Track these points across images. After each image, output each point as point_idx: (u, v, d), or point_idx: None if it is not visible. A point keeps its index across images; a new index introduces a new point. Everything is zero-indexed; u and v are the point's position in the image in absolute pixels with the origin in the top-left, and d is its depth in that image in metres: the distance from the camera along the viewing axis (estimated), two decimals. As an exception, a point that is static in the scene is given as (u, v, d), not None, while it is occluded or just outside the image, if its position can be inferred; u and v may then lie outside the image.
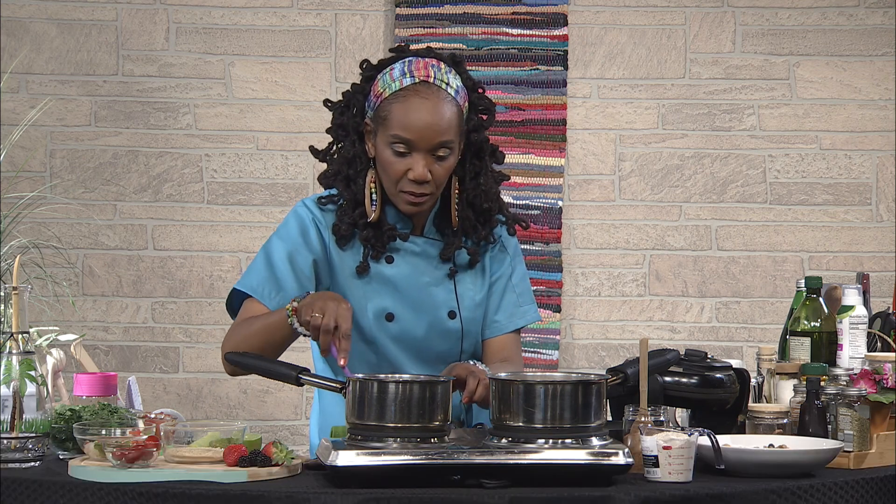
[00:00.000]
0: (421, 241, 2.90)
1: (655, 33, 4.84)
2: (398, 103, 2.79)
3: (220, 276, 4.79)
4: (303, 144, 4.80)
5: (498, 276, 2.97)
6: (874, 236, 4.84)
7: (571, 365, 4.80)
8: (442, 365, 2.87)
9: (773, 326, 4.78)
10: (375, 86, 2.84)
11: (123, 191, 4.77)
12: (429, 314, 2.87)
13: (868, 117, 4.83)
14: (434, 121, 2.78)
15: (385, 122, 2.80)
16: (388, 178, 2.82)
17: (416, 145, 2.78)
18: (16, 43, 4.74)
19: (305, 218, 2.88)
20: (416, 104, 2.78)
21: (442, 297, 2.89)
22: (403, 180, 2.80)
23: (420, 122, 2.77)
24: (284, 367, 2.65)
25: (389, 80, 2.82)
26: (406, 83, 2.80)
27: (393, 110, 2.79)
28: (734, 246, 4.85)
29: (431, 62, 2.84)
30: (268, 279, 2.83)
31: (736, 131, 4.84)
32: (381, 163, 2.83)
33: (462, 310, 2.90)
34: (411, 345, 2.86)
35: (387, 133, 2.79)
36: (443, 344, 2.89)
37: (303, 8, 4.81)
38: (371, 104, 2.85)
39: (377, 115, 2.82)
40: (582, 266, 4.84)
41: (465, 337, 2.91)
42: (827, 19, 4.83)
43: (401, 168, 2.79)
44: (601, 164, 4.84)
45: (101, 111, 4.77)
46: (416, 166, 2.78)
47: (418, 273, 2.88)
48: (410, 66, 2.82)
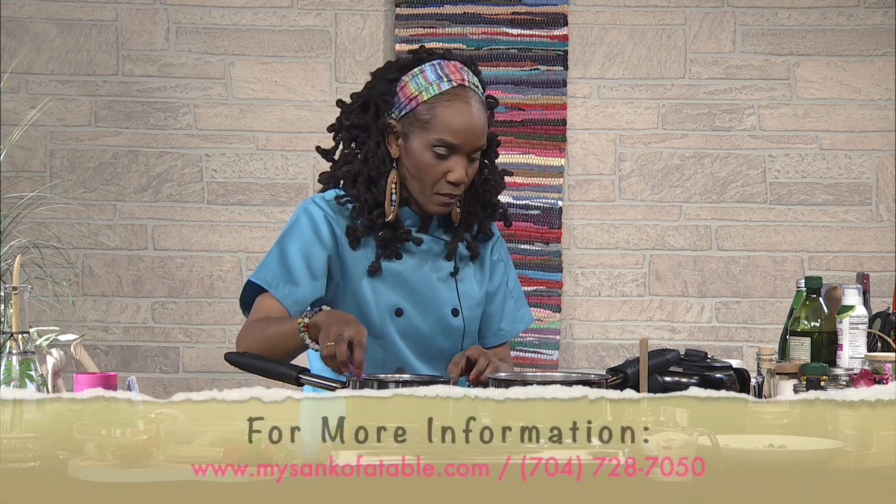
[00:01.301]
0: (427, 239, 2.93)
1: (655, 33, 4.85)
2: (442, 107, 2.82)
3: (220, 276, 4.79)
4: (303, 144, 4.80)
5: (497, 284, 3.02)
6: (874, 236, 4.84)
7: (571, 365, 4.80)
8: (444, 362, 2.89)
9: (773, 326, 4.78)
10: (405, 88, 2.86)
11: (123, 191, 4.77)
12: (434, 311, 2.90)
13: (868, 117, 4.83)
14: (477, 124, 2.83)
15: (427, 125, 2.82)
16: (423, 180, 2.85)
17: (460, 148, 2.82)
18: (16, 43, 4.74)
19: (317, 216, 2.89)
20: (461, 108, 2.82)
21: (446, 294, 2.93)
22: (441, 182, 2.84)
23: (466, 125, 2.82)
24: (284, 366, 2.66)
25: (425, 83, 2.84)
26: (444, 87, 2.83)
27: (438, 113, 2.82)
28: (734, 246, 4.85)
29: (458, 65, 2.88)
30: (281, 274, 2.84)
31: (736, 131, 4.84)
32: (416, 165, 2.84)
33: (464, 308, 2.94)
34: (417, 341, 2.89)
35: (429, 136, 2.82)
36: (446, 341, 2.92)
37: (303, 8, 4.81)
38: (401, 106, 2.86)
39: (414, 117, 2.84)
40: (582, 266, 4.84)
41: (465, 335, 2.94)
42: (827, 19, 4.83)
43: (440, 170, 2.83)
44: (601, 164, 4.84)
45: (101, 111, 4.77)
46: (456, 169, 2.82)
47: (424, 270, 2.92)
48: (444, 70, 2.85)
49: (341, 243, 2.88)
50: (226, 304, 4.78)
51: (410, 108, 2.84)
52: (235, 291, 4.77)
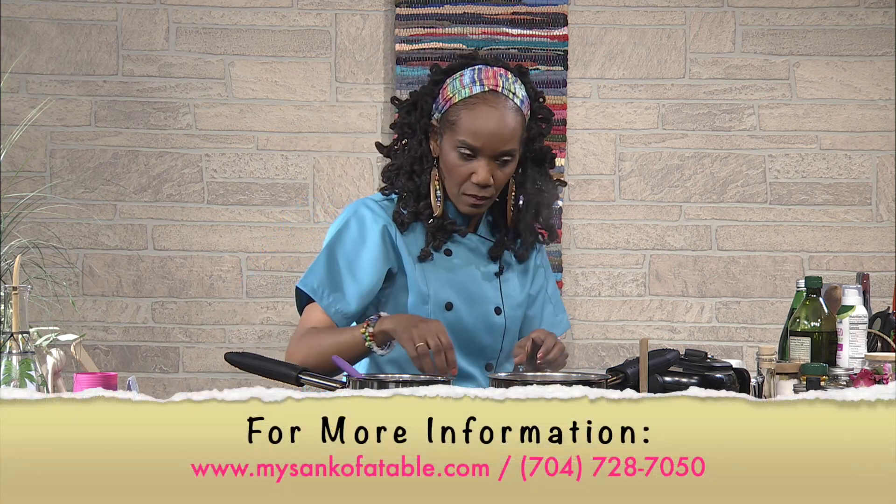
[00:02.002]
0: (475, 239, 3.03)
1: (655, 33, 4.84)
2: (467, 110, 2.91)
3: (220, 276, 4.79)
4: (303, 144, 4.80)
5: (538, 289, 3.13)
6: (874, 236, 4.84)
7: (571, 365, 4.79)
8: (483, 359, 3.02)
9: (773, 326, 4.78)
10: (445, 90, 2.96)
11: (123, 191, 4.77)
12: (480, 307, 2.99)
13: (868, 117, 4.83)
14: (499, 129, 2.90)
15: (453, 127, 2.92)
16: (451, 180, 2.95)
17: (482, 151, 2.90)
18: (16, 43, 4.74)
19: (367, 217, 2.98)
20: (485, 112, 2.90)
21: (490, 293, 3.02)
22: (467, 183, 2.93)
23: (487, 129, 2.89)
24: (284, 366, 2.67)
25: (459, 87, 2.93)
26: (475, 91, 2.92)
27: (462, 116, 2.91)
28: (734, 246, 4.85)
29: (500, 71, 2.95)
30: (328, 281, 2.95)
31: (736, 131, 4.84)
32: (446, 164, 2.95)
33: (506, 308, 3.03)
34: (462, 335, 2.97)
35: (454, 137, 2.92)
36: (487, 338, 3.01)
37: (303, 8, 4.81)
38: (439, 107, 2.96)
39: (445, 118, 2.94)
40: (582, 266, 4.84)
41: (506, 334, 3.03)
42: (827, 19, 4.83)
43: (465, 171, 2.92)
44: (601, 164, 4.84)
45: (101, 111, 4.77)
46: (479, 171, 2.91)
47: (472, 268, 3.01)
48: (480, 75, 2.93)
49: (395, 235, 2.97)
50: (226, 304, 4.78)
51: (445, 110, 2.95)
52: (236, 291, 4.77)
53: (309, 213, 4.79)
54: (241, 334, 4.78)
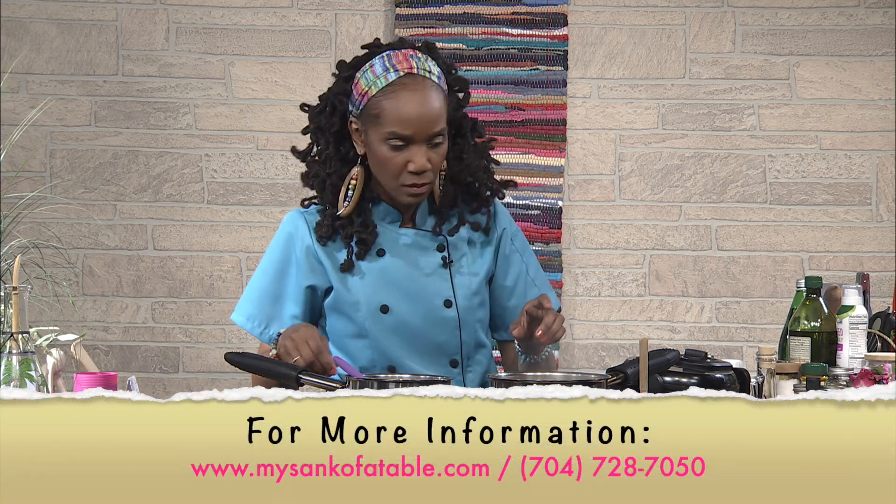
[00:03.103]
0: (411, 233, 2.92)
1: (655, 33, 4.85)
2: (388, 99, 2.81)
3: (220, 276, 4.79)
4: (303, 145, 4.80)
5: (515, 276, 3.00)
6: (874, 236, 4.84)
7: (571, 365, 4.80)
8: (441, 356, 2.92)
9: (773, 326, 4.78)
10: (357, 84, 2.86)
11: (123, 191, 4.78)
12: (424, 304, 2.89)
13: (868, 117, 4.83)
14: (426, 112, 2.80)
15: (378, 120, 2.82)
16: (386, 174, 2.85)
17: (413, 138, 2.81)
18: (16, 43, 4.74)
19: (289, 230, 2.95)
20: (407, 98, 2.80)
21: (436, 286, 2.91)
22: (403, 174, 2.83)
23: (414, 114, 2.80)
24: (284, 366, 2.66)
25: (373, 77, 2.83)
26: (391, 78, 2.82)
27: (384, 107, 2.81)
28: (734, 246, 4.85)
29: (409, 52, 2.86)
30: (257, 315, 2.93)
31: (736, 131, 4.84)
32: (377, 159, 2.85)
33: (459, 299, 2.91)
34: (408, 337, 2.88)
35: (381, 130, 2.82)
36: (440, 334, 2.91)
37: (303, 8, 4.81)
38: (356, 103, 2.86)
39: (366, 113, 2.84)
40: (582, 266, 4.84)
41: (462, 326, 2.92)
42: (827, 19, 4.84)
43: (400, 162, 2.82)
44: (601, 164, 4.84)
45: (101, 111, 4.77)
46: (415, 158, 2.81)
47: (411, 264, 2.91)
48: (392, 60, 2.84)
49: (317, 250, 2.91)
50: (226, 304, 4.78)
51: (363, 105, 2.85)
52: (235, 291, 4.77)
53: (309, 213, 4.79)
54: (241, 334, 4.78)
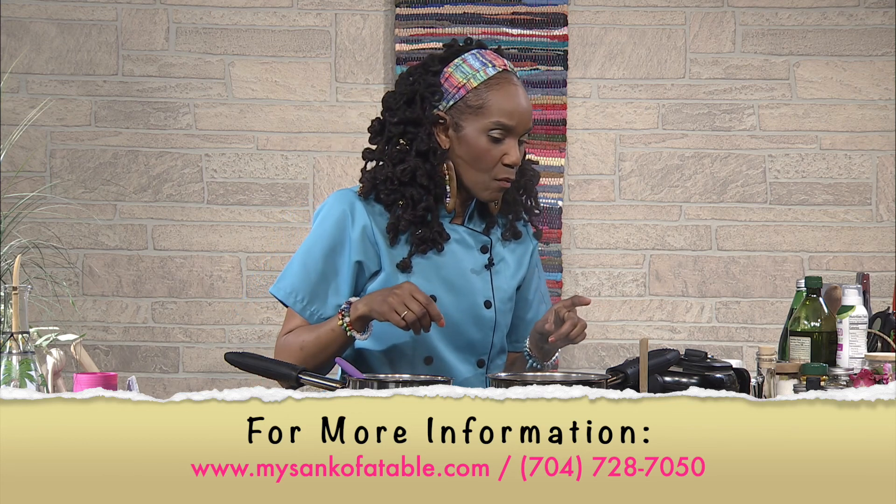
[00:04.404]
0: (462, 231, 2.97)
1: (655, 33, 4.85)
2: (493, 91, 2.87)
3: (220, 276, 4.79)
4: (303, 144, 4.80)
5: (533, 290, 3.07)
6: (874, 236, 4.84)
7: (571, 365, 4.80)
8: (473, 354, 2.96)
9: (773, 326, 4.78)
10: (451, 78, 2.89)
11: (123, 191, 4.77)
12: (467, 300, 2.93)
13: (868, 117, 4.83)
14: (528, 106, 2.90)
15: (480, 111, 2.87)
16: (479, 166, 2.89)
17: (515, 130, 2.88)
18: (16, 43, 4.74)
19: (343, 208, 2.91)
20: (512, 91, 2.88)
21: (479, 285, 2.95)
22: (497, 166, 2.88)
23: (519, 107, 2.88)
24: (284, 366, 2.67)
25: (471, 71, 2.89)
26: (491, 72, 2.88)
27: (490, 98, 2.87)
28: (734, 246, 4.85)
29: (494, 52, 2.94)
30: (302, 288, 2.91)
31: (736, 131, 4.84)
32: (471, 151, 2.88)
33: (497, 301, 2.97)
34: (449, 329, 2.90)
35: (484, 121, 2.86)
36: (476, 332, 2.95)
37: (303, 8, 4.81)
38: (450, 95, 2.89)
39: (465, 105, 2.87)
40: (582, 266, 4.84)
41: (496, 328, 2.97)
42: (827, 19, 4.83)
43: (497, 154, 2.88)
44: (601, 164, 4.84)
45: (101, 111, 4.77)
46: (512, 151, 2.88)
47: (459, 260, 2.94)
48: (486, 57, 2.91)
49: (377, 236, 2.91)
50: (226, 304, 4.78)
51: (460, 97, 2.88)
52: (235, 291, 4.77)
53: (309, 213, 4.79)
54: (241, 334, 4.78)
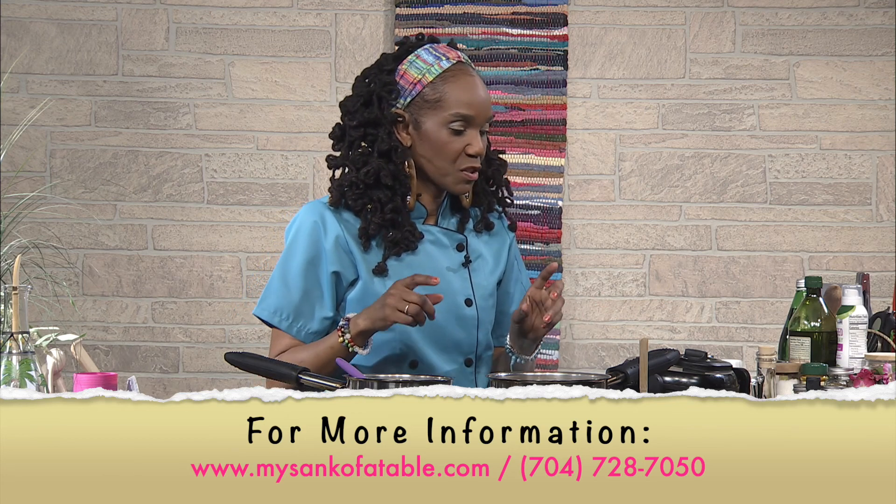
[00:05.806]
0: (435, 230, 2.95)
1: (655, 33, 4.85)
2: (450, 84, 2.87)
3: (220, 276, 4.79)
4: (303, 144, 4.80)
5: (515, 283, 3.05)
6: (874, 236, 4.84)
7: (571, 365, 4.80)
8: (460, 354, 2.94)
9: (773, 326, 4.78)
10: (406, 75, 2.89)
11: (123, 191, 4.78)
12: (448, 299, 2.89)
13: (868, 117, 4.83)
14: (486, 95, 2.89)
15: (439, 104, 2.86)
16: (444, 160, 2.88)
17: (475, 121, 2.87)
18: (16, 43, 4.74)
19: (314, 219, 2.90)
20: (470, 82, 2.88)
21: (459, 284, 2.94)
22: (461, 158, 2.87)
23: (478, 97, 2.87)
24: (285, 367, 2.66)
25: (425, 66, 2.89)
26: (445, 65, 2.88)
27: (447, 90, 2.86)
28: (734, 246, 4.85)
29: (446, 45, 2.94)
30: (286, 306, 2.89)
31: (736, 131, 4.84)
32: (434, 146, 2.88)
33: (478, 299, 2.95)
34: (431, 332, 2.89)
35: (443, 113, 2.86)
36: (460, 332, 2.93)
37: (303, 8, 4.81)
38: (407, 93, 2.88)
39: (423, 100, 2.87)
40: (582, 266, 4.84)
41: (480, 325, 2.95)
42: (827, 19, 4.84)
43: (459, 146, 2.87)
44: (601, 164, 4.84)
45: (101, 111, 4.77)
46: (474, 142, 2.87)
47: (435, 260, 2.93)
48: (439, 50, 2.91)
49: (350, 244, 2.89)
50: (226, 304, 4.78)
51: (417, 93, 2.88)
52: (235, 291, 4.77)
53: (309, 213, 4.78)
54: (241, 334, 4.78)
